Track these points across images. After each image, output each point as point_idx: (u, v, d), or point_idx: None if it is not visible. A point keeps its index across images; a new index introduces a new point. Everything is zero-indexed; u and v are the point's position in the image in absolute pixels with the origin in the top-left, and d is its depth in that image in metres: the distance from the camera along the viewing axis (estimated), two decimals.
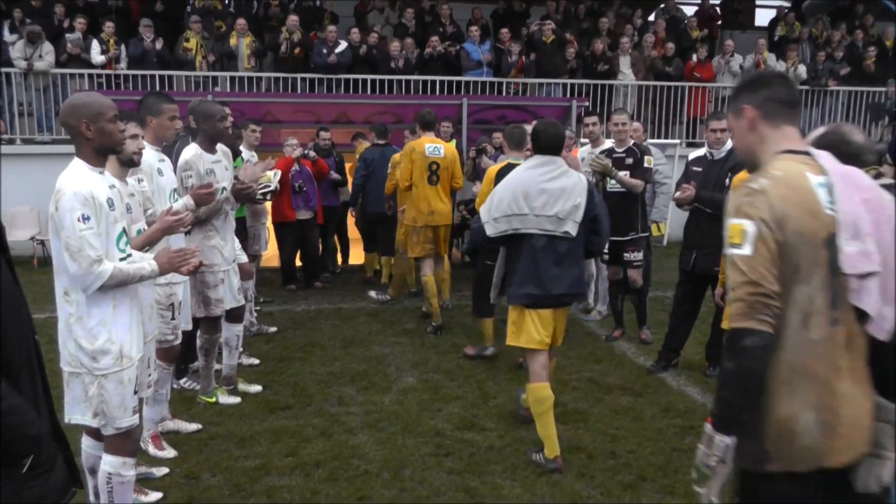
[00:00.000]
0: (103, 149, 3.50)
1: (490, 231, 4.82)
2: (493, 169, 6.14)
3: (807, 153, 2.52)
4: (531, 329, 4.78)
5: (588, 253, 4.99)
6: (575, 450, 5.03)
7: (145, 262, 3.66)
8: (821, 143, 2.69)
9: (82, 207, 3.39)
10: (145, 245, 4.07)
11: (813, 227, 2.36)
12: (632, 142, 7.35)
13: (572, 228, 4.73)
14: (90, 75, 12.55)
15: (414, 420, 5.50)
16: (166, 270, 3.75)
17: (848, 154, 2.64)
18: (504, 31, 14.34)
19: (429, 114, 8.11)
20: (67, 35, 12.52)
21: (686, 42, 15.33)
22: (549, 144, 4.86)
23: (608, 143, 7.90)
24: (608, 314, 8.24)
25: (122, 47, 12.75)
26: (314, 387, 6.19)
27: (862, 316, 2.40)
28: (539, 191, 4.72)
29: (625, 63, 14.27)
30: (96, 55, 12.55)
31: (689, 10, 17.37)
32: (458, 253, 11.67)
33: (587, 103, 12.77)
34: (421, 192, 7.85)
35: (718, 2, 17.66)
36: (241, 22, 13.06)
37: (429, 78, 13.19)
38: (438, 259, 8.08)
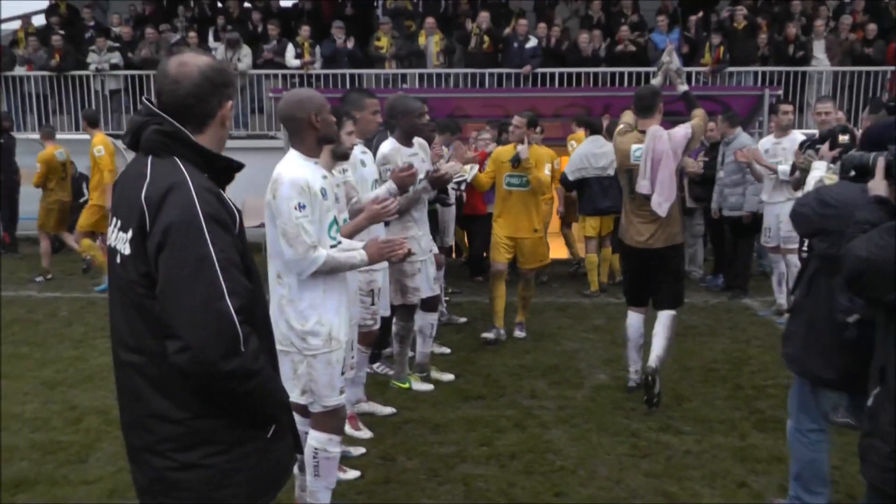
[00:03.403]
0: (324, 139, 3.71)
1: None
2: None
3: (643, 132, 5.51)
4: None
5: None
6: (776, 461, 4.71)
7: (356, 251, 3.79)
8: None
9: (299, 196, 3.55)
10: (353, 233, 4.21)
11: (625, 164, 5.63)
12: None
13: None
14: (284, 75, 13.24)
15: (607, 418, 5.39)
16: (376, 260, 3.87)
17: None
18: (693, 18, 13.81)
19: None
20: (265, 45, 13.27)
21: (887, 22, 14.06)
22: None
23: (798, 134, 7.53)
24: None
25: (317, 49, 13.37)
26: (506, 378, 6.21)
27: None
28: None
29: (819, 48, 13.29)
30: (291, 58, 13.24)
31: None
32: None
33: (780, 92, 12.08)
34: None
35: None
36: (429, 20, 13.33)
37: (617, 70, 12.93)
38: None
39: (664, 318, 5.71)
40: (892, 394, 2.61)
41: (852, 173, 3.41)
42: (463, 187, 7.65)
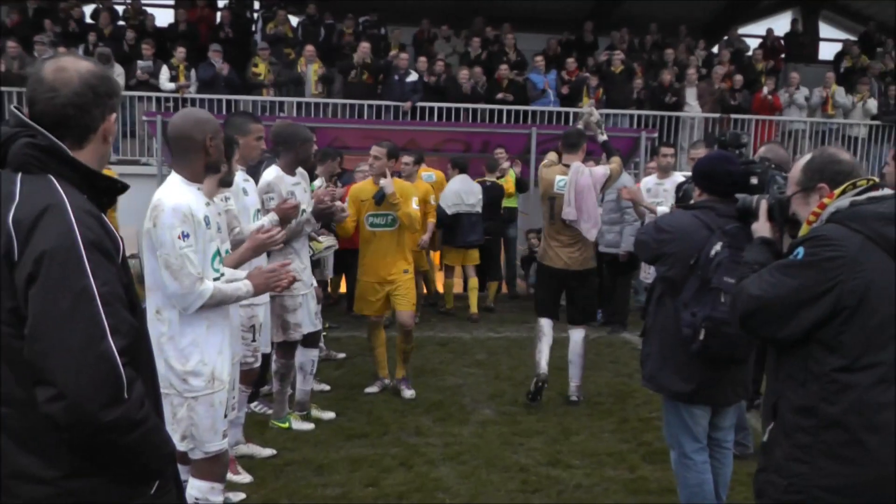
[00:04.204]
0: (213, 165, 3.50)
1: None
2: None
3: (567, 165, 6.24)
4: None
5: None
6: (666, 492, 4.76)
7: (241, 282, 3.58)
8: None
9: (182, 224, 3.32)
10: (237, 265, 3.99)
11: (548, 192, 6.27)
12: None
13: None
14: (158, 98, 12.70)
15: (496, 453, 5.32)
16: (261, 290, 3.67)
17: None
18: (570, 60, 14.23)
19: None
20: (138, 62, 12.70)
21: (750, 75, 15.05)
22: None
23: (679, 176, 7.80)
24: None
25: (192, 72, 12.92)
26: (389, 415, 6.05)
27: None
28: None
29: (691, 95, 14.02)
30: (165, 81, 12.71)
31: (752, 43, 17.12)
32: (523, 283, 11.51)
33: (656, 134, 12.58)
34: None
35: (782, 35, 17.39)
36: (309, 48, 13.15)
37: (496, 107, 13.12)
38: None
39: (576, 344, 6.44)
40: (785, 428, 2.63)
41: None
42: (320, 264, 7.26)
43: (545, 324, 6.52)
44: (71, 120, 2.02)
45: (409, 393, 6.51)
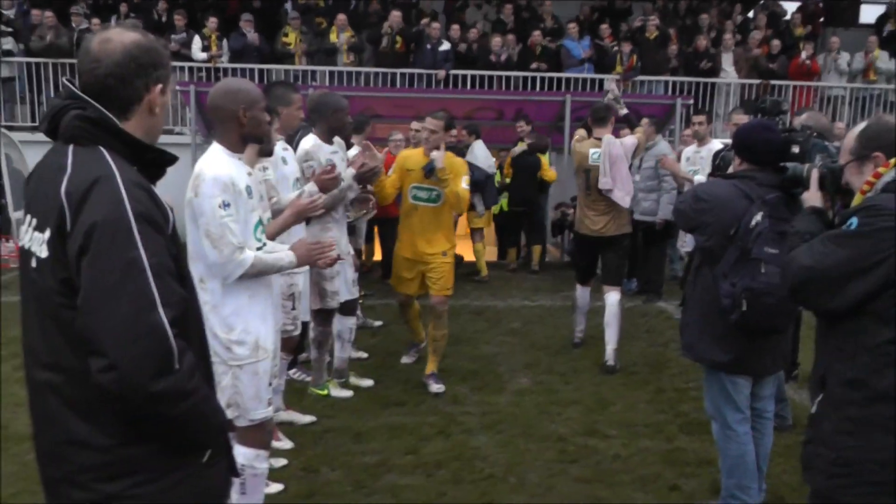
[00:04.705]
0: (251, 136, 3.47)
1: None
2: None
3: (599, 139, 6.56)
4: None
5: None
6: (704, 464, 4.74)
7: (283, 252, 3.59)
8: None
9: (222, 194, 3.32)
10: (279, 232, 4.01)
11: (583, 164, 6.65)
12: None
13: None
14: (190, 68, 12.72)
15: (533, 423, 5.34)
16: (304, 262, 3.67)
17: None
18: (604, 27, 14.03)
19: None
20: (173, 36, 12.72)
21: (788, 40, 14.74)
22: None
23: (716, 143, 7.68)
24: None
25: (224, 42, 12.93)
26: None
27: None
28: None
29: (727, 60, 13.78)
30: (197, 51, 12.74)
31: (790, 7, 16.74)
32: (556, 251, 11.48)
33: (691, 101, 12.38)
34: None
35: None
36: (340, 17, 13.08)
37: (530, 74, 12.98)
38: None
39: (612, 306, 6.56)
40: (834, 401, 2.60)
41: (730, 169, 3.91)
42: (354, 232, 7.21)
43: (582, 294, 6.96)
44: (112, 91, 2.01)
45: (436, 387, 5.91)
